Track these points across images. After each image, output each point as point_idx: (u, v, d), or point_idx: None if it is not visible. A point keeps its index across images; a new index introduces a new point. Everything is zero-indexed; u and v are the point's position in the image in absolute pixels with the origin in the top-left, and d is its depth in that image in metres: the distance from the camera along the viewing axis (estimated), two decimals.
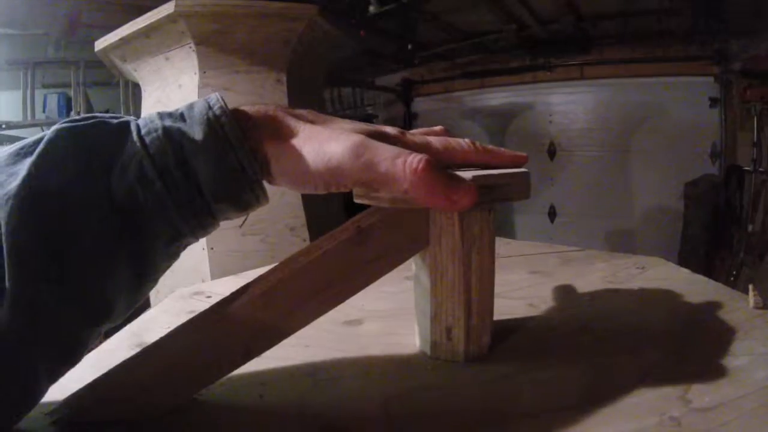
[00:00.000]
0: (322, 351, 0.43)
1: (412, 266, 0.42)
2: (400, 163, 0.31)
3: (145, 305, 0.45)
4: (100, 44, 1.81)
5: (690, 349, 0.41)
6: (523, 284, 0.62)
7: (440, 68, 3.93)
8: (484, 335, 0.40)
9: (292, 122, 0.34)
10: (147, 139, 0.31)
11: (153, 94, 1.84)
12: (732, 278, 2.67)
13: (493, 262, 0.39)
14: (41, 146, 0.30)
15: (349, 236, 0.35)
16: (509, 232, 3.75)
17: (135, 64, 1.83)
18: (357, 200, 0.38)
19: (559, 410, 0.33)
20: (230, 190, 0.33)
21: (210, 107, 0.32)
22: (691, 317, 0.49)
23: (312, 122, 0.35)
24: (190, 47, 1.61)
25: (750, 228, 2.67)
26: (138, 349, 0.33)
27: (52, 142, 0.30)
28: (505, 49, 3.27)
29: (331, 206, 2.19)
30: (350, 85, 4.13)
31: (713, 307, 0.51)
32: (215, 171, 0.32)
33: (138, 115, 0.37)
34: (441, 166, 0.32)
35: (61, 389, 0.33)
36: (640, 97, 3.24)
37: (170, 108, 0.34)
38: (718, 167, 2.98)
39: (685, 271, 0.65)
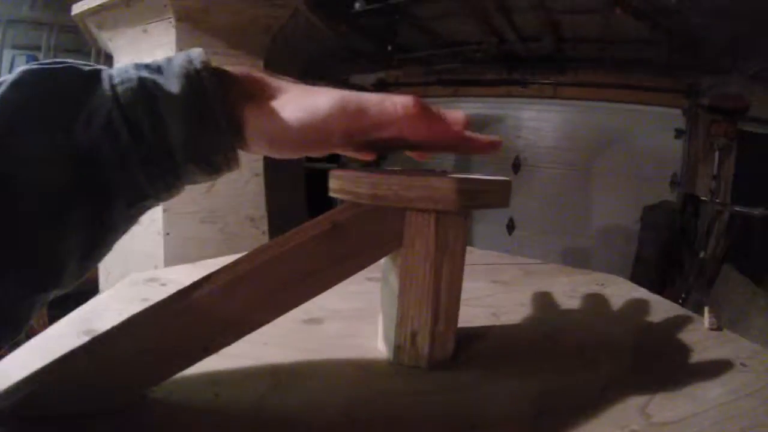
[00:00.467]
0: (282, 350, 0.41)
1: (376, 267, 0.42)
2: (390, 105, 0.31)
3: (94, 290, 0.42)
4: (78, 8, 1.73)
5: (649, 365, 0.42)
6: (486, 293, 0.62)
7: (416, 72, 3.95)
8: (449, 342, 0.40)
9: (275, 83, 0.33)
10: (119, 89, 0.29)
11: None
12: (680, 301, 2.78)
13: (463, 270, 0.39)
14: (3, 87, 0.27)
15: (323, 230, 0.33)
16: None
17: (111, 33, 1.76)
18: (333, 194, 0.36)
19: (521, 420, 0.33)
20: (202, 150, 0.31)
21: (191, 60, 0.30)
22: (649, 335, 0.51)
23: (296, 84, 0.34)
24: (170, 22, 1.56)
25: (702, 254, 2.79)
26: (87, 337, 0.31)
27: (17, 83, 0.27)
28: (483, 60, 3.31)
29: (294, 198, 2.16)
30: (324, 81, 4.09)
31: (670, 325, 0.52)
32: (189, 128, 0.30)
33: None
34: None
35: (1, 375, 0.30)
36: (609, 121, 3.33)
37: None
38: (677, 195, 3.11)
39: (642, 290, 0.67)
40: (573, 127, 3.49)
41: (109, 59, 1.97)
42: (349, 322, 0.49)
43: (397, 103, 0.31)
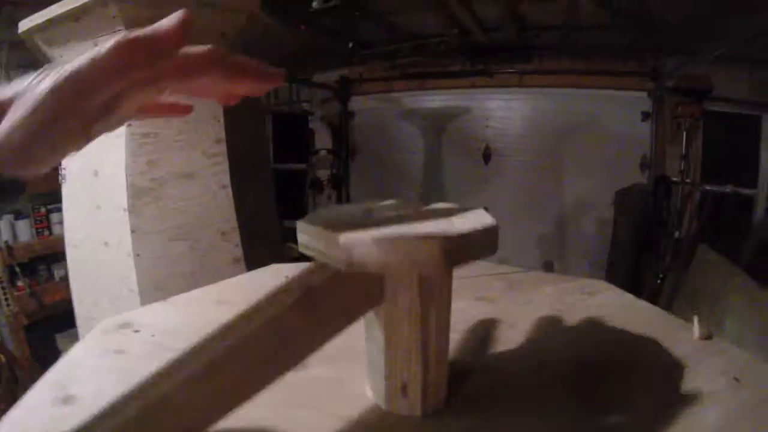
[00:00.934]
0: (269, 405, 0.38)
1: None
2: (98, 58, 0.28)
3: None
4: (25, 25, 1.64)
5: (643, 388, 0.41)
6: (471, 313, 0.60)
7: (380, 68, 3.91)
8: (441, 388, 0.38)
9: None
10: None
11: None
12: (659, 281, 2.84)
13: (450, 316, 0.37)
14: None
15: (296, 298, 0.30)
16: None
17: (61, 49, 1.67)
18: (304, 252, 0.33)
19: None
20: None
21: None
22: (641, 351, 0.49)
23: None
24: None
25: (677, 234, 2.86)
26: (65, 406, 0.28)
27: None
28: (446, 52, 3.29)
29: (265, 202, 2.13)
30: (287, 81, 4.03)
31: (661, 337, 0.51)
32: None
33: None
34: None
35: None
36: (576, 107, 3.36)
37: None
38: (648, 177, 3.17)
39: (628, 296, 0.66)
40: (540, 115, 3.52)
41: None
42: (335, 364, 0.46)
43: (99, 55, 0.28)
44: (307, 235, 0.33)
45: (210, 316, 0.30)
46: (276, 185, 2.30)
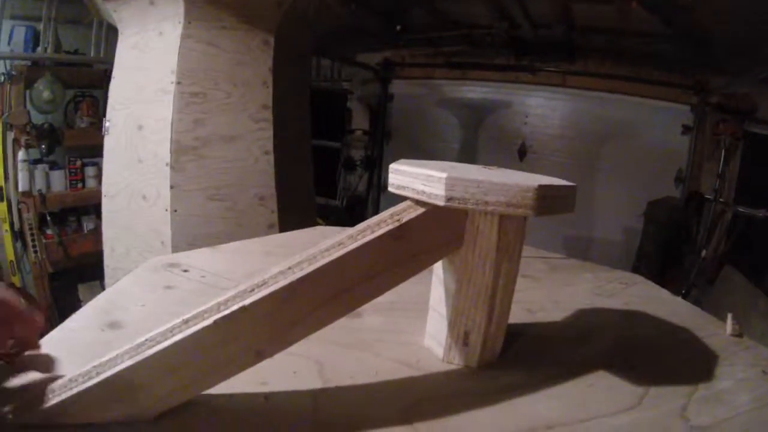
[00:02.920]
0: (327, 346, 0.41)
1: None
2: None
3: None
4: None
5: (680, 369, 0.44)
6: (517, 287, 0.62)
7: (424, 53, 3.90)
8: (498, 343, 0.40)
9: None
10: None
11: (130, 39, 1.73)
12: (681, 296, 2.78)
13: (518, 272, 0.39)
14: None
15: (388, 230, 0.33)
16: None
17: (116, 3, 1.71)
18: (395, 191, 0.36)
19: (570, 424, 0.34)
20: None
21: None
22: (677, 338, 0.52)
23: None
24: None
25: (704, 253, 2.81)
26: (111, 331, 0.30)
27: None
28: (492, 44, 3.26)
29: (303, 176, 2.14)
30: (330, 57, 4.03)
31: (694, 329, 0.53)
32: None
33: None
34: None
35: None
36: (617, 113, 3.31)
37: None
38: (681, 192, 3.12)
39: (665, 291, 0.68)
40: (580, 117, 3.47)
41: (113, 31, 1.93)
42: (387, 315, 0.49)
43: None
44: (402, 175, 0.35)
45: (258, 264, 0.32)
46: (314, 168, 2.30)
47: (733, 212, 2.79)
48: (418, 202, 0.35)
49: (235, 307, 0.29)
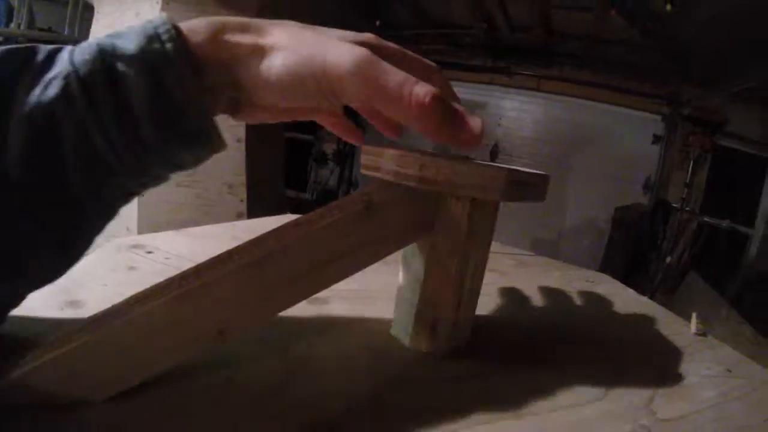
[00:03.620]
0: (291, 331, 0.40)
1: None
2: (407, 93, 0.28)
3: None
4: None
5: (646, 365, 0.44)
6: (485, 281, 0.62)
7: None
8: (466, 330, 0.40)
9: (266, 29, 0.30)
10: (77, 57, 0.27)
11: (105, 18, 1.68)
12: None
13: (487, 260, 0.38)
14: None
15: (356, 210, 0.32)
16: None
17: None
18: (366, 172, 0.35)
19: (536, 414, 0.33)
20: (169, 114, 0.27)
21: (151, 21, 0.28)
22: (643, 335, 0.52)
23: (299, 28, 0.32)
24: None
25: (668, 260, 2.90)
26: (70, 310, 0.28)
27: None
28: (470, 45, 3.29)
29: (274, 167, 2.12)
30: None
31: (660, 328, 0.54)
32: (149, 89, 0.27)
33: (85, 39, 0.32)
34: (446, 100, 0.29)
35: None
36: (589, 119, 3.39)
37: None
38: (648, 199, 3.20)
39: (631, 291, 0.69)
40: (553, 122, 3.54)
41: (89, 10, 1.87)
42: (353, 303, 0.48)
43: (414, 96, 0.27)
44: (375, 155, 0.34)
45: (225, 249, 0.30)
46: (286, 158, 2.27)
47: (699, 221, 2.88)
48: (390, 184, 0.33)
49: (196, 283, 0.28)
